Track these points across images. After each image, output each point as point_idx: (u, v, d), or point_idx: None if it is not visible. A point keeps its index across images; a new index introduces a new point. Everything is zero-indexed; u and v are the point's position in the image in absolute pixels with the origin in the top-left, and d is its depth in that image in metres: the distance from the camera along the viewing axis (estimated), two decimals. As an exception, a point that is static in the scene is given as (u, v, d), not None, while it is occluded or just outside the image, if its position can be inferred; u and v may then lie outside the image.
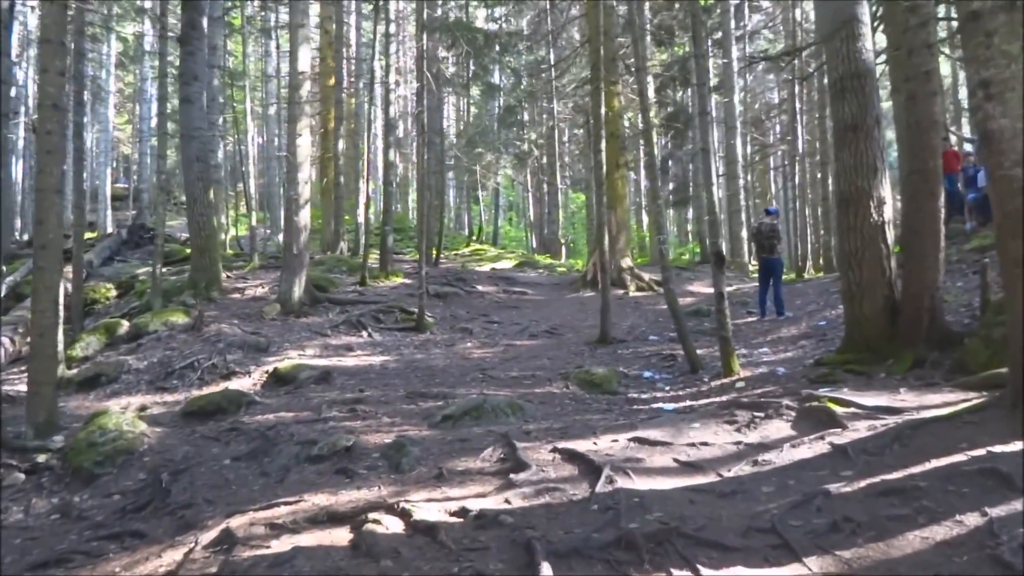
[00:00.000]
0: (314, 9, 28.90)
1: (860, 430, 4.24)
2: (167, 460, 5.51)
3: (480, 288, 13.81)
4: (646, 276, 14.23)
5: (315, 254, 20.03)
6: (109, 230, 23.46)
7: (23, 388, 9.31)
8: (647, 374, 7.59)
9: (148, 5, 20.04)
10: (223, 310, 11.28)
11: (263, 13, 27.07)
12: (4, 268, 14.23)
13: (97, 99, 30.18)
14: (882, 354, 6.19)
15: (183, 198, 35.26)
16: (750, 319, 10.81)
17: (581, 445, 4.44)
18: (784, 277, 11.75)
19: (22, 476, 5.70)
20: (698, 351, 7.94)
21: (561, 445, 4.38)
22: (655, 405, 6.27)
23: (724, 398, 6.30)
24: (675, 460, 4.15)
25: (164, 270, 14.80)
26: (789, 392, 5.63)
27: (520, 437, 4.73)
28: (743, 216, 22.15)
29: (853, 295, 6.47)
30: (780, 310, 10.54)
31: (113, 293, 13.49)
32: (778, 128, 34.27)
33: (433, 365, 8.46)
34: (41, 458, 5.85)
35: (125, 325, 10.58)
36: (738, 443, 4.38)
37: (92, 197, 31.48)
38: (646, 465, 4.09)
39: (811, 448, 4.11)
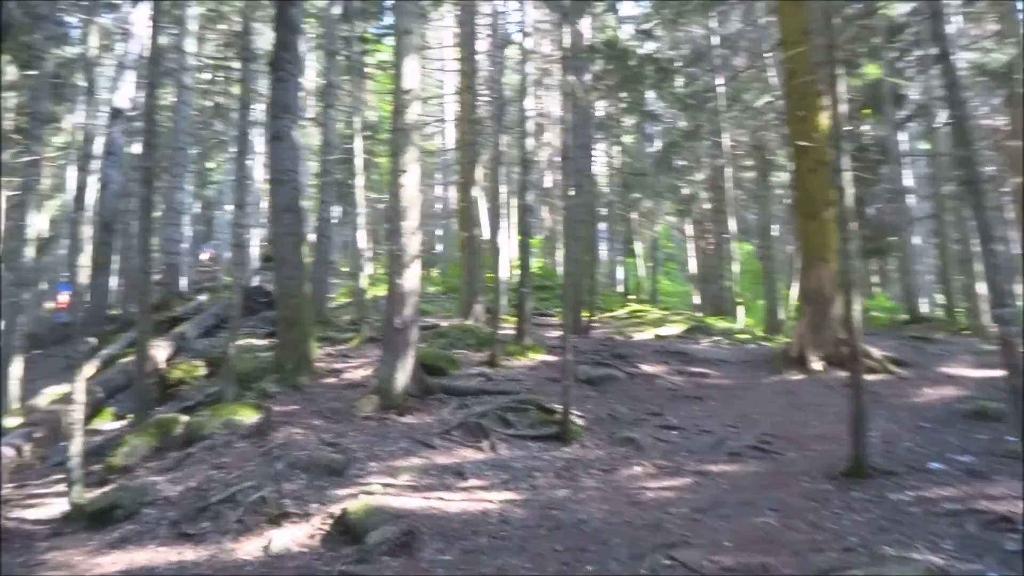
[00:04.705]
0: (451, 53, 27.29)
1: None
2: None
3: (645, 368, 10.44)
4: (876, 352, 10.30)
5: (450, 317, 17.49)
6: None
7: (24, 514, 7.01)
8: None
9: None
10: (307, 402, 8.63)
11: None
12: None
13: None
14: None
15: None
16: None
17: None
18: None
19: None
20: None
21: None
22: None
23: None
24: None
25: (265, 342, 12.66)
26: None
27: None
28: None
29: None
30: None
31: (202, 371, 11.30)
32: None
33: (581, 520, 5.21)
34: None
35: (183, 422, 8.15)
36: None
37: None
38: None
39: None
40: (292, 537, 5.44)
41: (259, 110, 17.66)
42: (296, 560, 5.16)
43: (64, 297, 21.37)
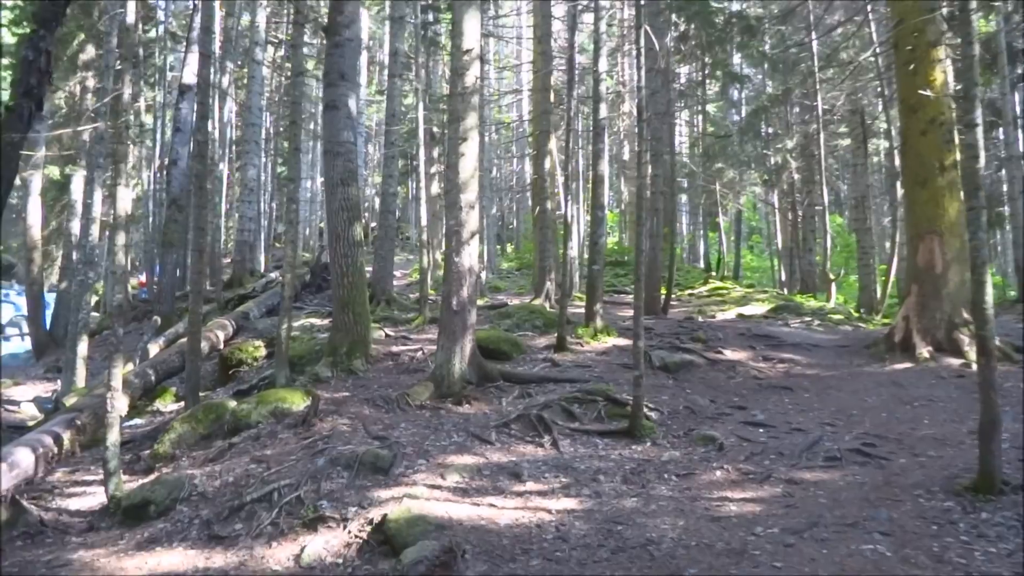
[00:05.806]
0: (526, 20, 26.38)
1: None
2: None
3: (728, 353, 9.52)
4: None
5: (523, 295, 16.88)
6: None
7: (71, 503, 6.75)
8: None
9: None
10: (360, 388, 8.14)
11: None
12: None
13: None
14: None
15: (407, 233, 34.16)
16: None
17: None
18: None
19: None
20: None
21: None
22: None
23: None
24: None
25: (326, 322, 12.28)
26: None
27: None
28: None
29: None
30: None
31: (262, 352, 11.02)
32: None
33: (651, 539, 4.46)
34: None
35: (231, 409, 7.77)
36: None
37: (319, 235, 31.39)
38: None
39: None
40: (326, 545, 4.90)
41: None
42: (328, 573, 4.62)
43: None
